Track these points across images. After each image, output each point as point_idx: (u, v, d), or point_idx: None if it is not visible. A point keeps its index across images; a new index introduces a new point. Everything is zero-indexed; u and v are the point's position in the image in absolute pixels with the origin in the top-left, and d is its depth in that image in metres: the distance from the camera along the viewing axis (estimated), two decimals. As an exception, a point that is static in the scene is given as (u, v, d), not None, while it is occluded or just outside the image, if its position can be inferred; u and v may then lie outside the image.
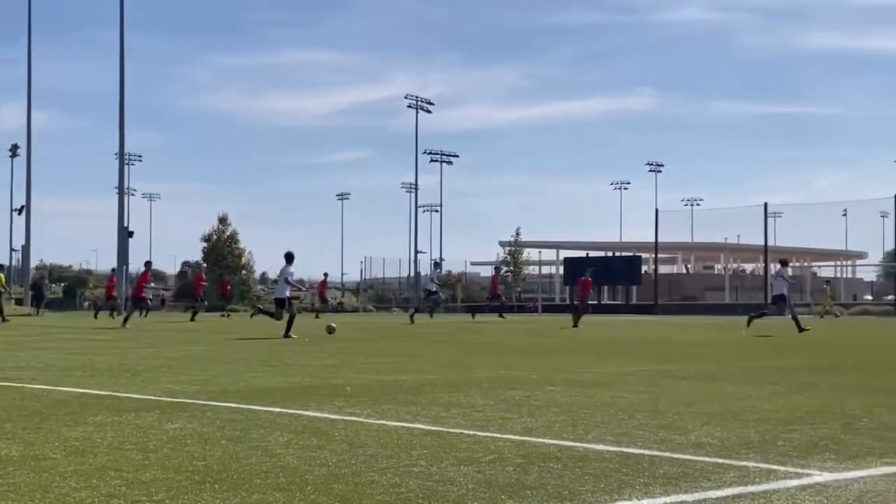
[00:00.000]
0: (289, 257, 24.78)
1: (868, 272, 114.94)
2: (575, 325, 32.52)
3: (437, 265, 54.90)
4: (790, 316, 27.59)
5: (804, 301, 64.48)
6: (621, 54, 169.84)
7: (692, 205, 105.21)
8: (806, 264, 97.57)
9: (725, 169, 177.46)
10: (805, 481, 5.57)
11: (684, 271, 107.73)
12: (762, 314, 29.53)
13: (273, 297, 26.11)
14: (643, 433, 7.36)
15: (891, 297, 63.15)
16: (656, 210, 68.90)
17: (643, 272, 76.40)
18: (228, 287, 53.46)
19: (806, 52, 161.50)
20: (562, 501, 5.03)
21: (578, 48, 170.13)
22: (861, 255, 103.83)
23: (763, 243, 63.39)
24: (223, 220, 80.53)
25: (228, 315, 44.46)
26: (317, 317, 41.74)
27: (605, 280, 68.08)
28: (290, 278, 24.61)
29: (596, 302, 53.71)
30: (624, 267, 71.86)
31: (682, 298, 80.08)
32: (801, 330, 26.36)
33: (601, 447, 6.70)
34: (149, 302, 36.86)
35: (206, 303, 45.04)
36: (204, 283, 45.52)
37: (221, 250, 78.09)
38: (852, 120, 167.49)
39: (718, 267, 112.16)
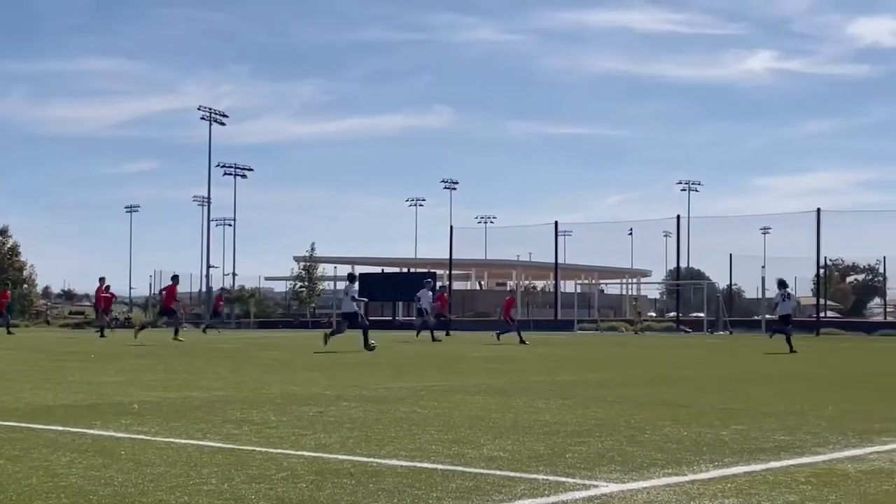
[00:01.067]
0: (352, 277, 29.68)
1: (652, 290, 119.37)
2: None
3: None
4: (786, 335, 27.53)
5: (592, 318, 66.42)
6: (417, 72, 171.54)
7: (486, 222, 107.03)
8: (594, 282, 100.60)
9: (518, 187, 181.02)
10: (592, 492, 5.70)
11: (478, 288, 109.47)
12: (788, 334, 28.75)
13: (342, 312, 28.15)
14: (436, 448, 7.41)
15: (673, 313, 65.66)
16: (451, 227, 69.70)
17: (439, 287, 77.05)
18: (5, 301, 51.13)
19: (594, 75, 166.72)
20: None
21: (375, 65, 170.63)
22: (645, 273, 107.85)
23: (554, 261, 64.97)
24: (3, 232, 77.41)
25: (9, 331, 42.55)
26: (204, 331, 43.26)
27: (401, 296, 68.37)
28: (355, 295, 27.20)
29: (391, 318, 54.02)
30: (419, 283, 72.28)
31: (475, 314, 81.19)
32: (791, 350, 26.31)
33: (394, 462, 6.70)
34: None
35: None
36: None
37: (1, 263, 74.90)
38: (637, 142, 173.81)
39: (511, 283, 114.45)
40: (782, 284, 29.05)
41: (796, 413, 10.32)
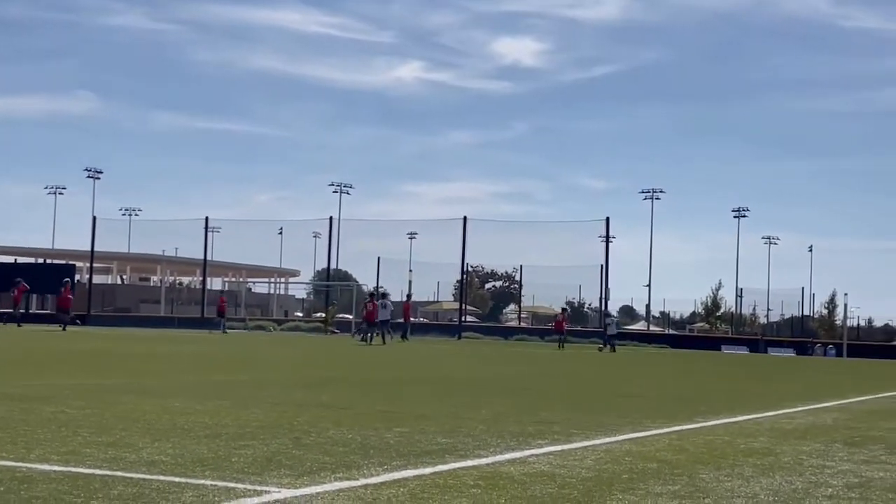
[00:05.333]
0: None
1: (300, 289, 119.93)
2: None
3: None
4: None
5: (239, 316, 65.78)
6: (61, 55, 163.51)
7: (131, 215, 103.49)
8: (242, 280, 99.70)
9: (166, 180, 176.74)
10: (265, 498, 5.48)
11: (119, 282, 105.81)
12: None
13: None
14: (91, 451, 6.92)
15: (320, 314, 66.18)
16: (94, 217, 67.03)
17: (76, 281, 73.86)
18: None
19: (247, 72, 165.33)
20: (8, 530, 4.53)
21: (16, 43, 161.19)
22: (294, 273, 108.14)
23: (203, 257, 63.85)
24: None
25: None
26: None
27: (36, 288, 64.94)
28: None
29: (24, 311, 51.18)
30: (56, 275, 69.02)
31: (115, 310, 78.36)
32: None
33: (46, 467, 6.19)
34: None
35: None
36: None
37: None
38: (290, 142, 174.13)
39: (155, 279, 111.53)
40: (383, 296, 35.10)
41: (453, 416, 10.50)
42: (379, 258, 65.94)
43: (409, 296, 48.55)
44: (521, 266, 78.88)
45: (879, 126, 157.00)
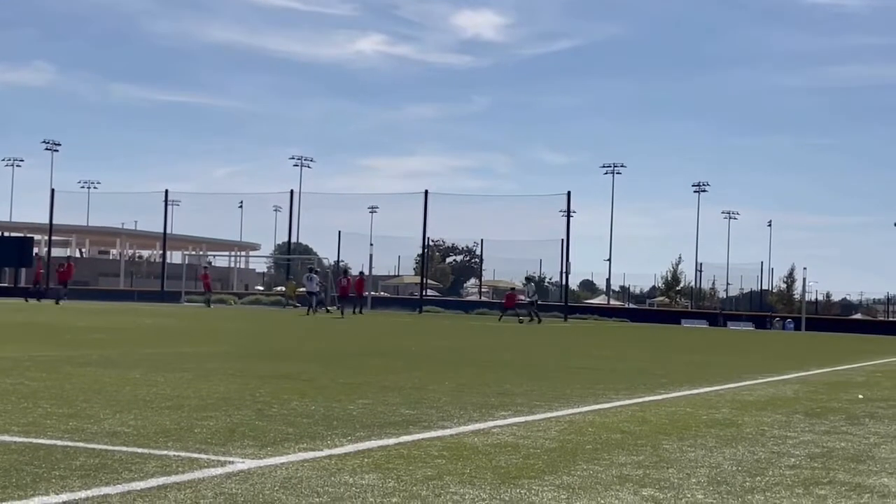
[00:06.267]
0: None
1: (260, 263, 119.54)
2: None
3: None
4: None
5: (199, 290, 65.36)
6: (16, 24, 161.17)
7: (90, 187, 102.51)
8: (202, 253, 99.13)
9: (125, 153, 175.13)
10: (229, 469, 5.45)
11: (78, 255, 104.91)
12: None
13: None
14: (52, 422, 6.85)
15: (281, 287, 65.93)
16: (52, 190, 66.33)
17: (35, 254, 73.18)
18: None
19: (206, 44, 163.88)
20: (-32, 501, 4.46)
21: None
22: (254, 247, 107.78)
23: (162, 230, 63.42)
24: None
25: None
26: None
27: (-5, 261, 64.37)
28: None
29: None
30: (14, 248, 68.34)
31: (73, 283, 77.69)
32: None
33: (7, 438, 6.12)
34: None
35: None
36: None
37: None
38: (249, 115, 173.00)
39: (114, 252, 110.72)
40: (310, 270, 36.91)
41: (416, 387, 10.49)
42: (340, 232, 65.88)
43: (361, 272, 48.51)
44: (482, 240, 79.00)
45: (838, 102, 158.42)
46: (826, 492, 5.57)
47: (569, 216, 55.18)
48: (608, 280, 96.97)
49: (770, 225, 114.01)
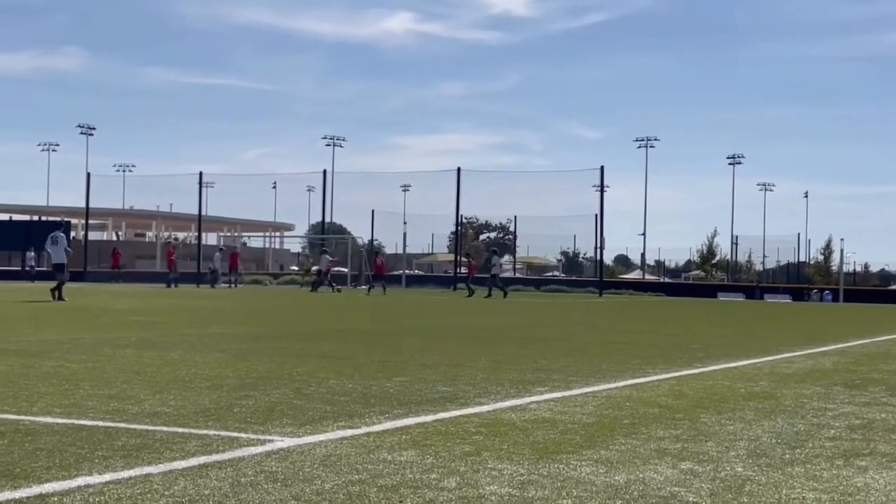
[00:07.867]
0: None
1: (294, 243, 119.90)
2: None
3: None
4: None
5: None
6: (48, 10, 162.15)
7: (125, 171, 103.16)
8: (237, 234, 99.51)
9: (159, 136, 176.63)
10: (269, 447, 5.49)
11: (115, 238, 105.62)
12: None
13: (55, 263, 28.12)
14: (93, 404, 6.93)
15: (295, 267, 66.09)
16: (88, 174, 66.79)
17: (73, 238, 73.83)
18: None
19: (237, 26, 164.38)
20: (14, 480, 4.52)
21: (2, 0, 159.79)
22: (288, 227, 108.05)
23: (197, 212, 63.70)
24: None
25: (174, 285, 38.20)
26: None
27: (32, 246, 64.85)
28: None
29: (20, 269, 51.08)
30: (51, 232, 68.89)
31: (111, 266, 78.28)
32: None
33: (50, 420, 6.20)
34: None
35: None
36: None
37: None
38: (281, 96, 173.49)
39: (150, 235, 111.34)
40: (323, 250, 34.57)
41: (453, 365, 10.51)
42: (373, 211, 65.89)
43: (377, 252, 49.05)
44: (515, 217, 78.77)
45: (875, 71, 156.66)
46: (867, 463, 5.54)
47: (602, 191, 55.00)
48: (643, 254, 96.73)
49: (806, 196, 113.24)
